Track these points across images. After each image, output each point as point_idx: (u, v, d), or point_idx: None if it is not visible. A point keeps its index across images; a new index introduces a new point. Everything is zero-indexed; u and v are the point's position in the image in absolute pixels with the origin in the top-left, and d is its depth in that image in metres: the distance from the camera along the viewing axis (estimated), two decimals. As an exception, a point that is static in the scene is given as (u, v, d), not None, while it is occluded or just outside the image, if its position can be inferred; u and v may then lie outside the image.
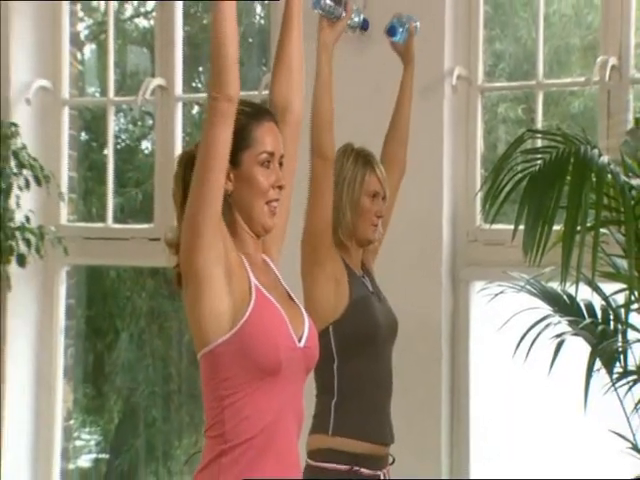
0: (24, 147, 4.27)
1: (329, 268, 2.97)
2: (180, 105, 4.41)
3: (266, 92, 4.10)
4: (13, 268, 4.17)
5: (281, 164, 2.31)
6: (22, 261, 4.17)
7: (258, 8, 5.11)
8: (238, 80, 2.17)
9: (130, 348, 5.30)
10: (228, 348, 2.16)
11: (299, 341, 2.24)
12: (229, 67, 2.14)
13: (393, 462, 3.04)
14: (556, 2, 4.34)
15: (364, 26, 3.03)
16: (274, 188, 2.27)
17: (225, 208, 2.23)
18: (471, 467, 3.84)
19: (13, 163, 4.22)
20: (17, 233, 4.18)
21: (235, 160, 2.24)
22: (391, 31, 3.28)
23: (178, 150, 4.34)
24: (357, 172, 3.04)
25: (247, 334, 2.16)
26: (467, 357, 3.84)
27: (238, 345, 2.16)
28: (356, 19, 2.97)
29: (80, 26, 5.03)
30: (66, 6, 4.56)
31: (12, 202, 4.20)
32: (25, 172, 4.23)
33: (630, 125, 3.54)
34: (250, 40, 5.14)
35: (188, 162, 2.28)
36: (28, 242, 4.20)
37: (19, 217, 4.22)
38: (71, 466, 4.82)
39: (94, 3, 5.13)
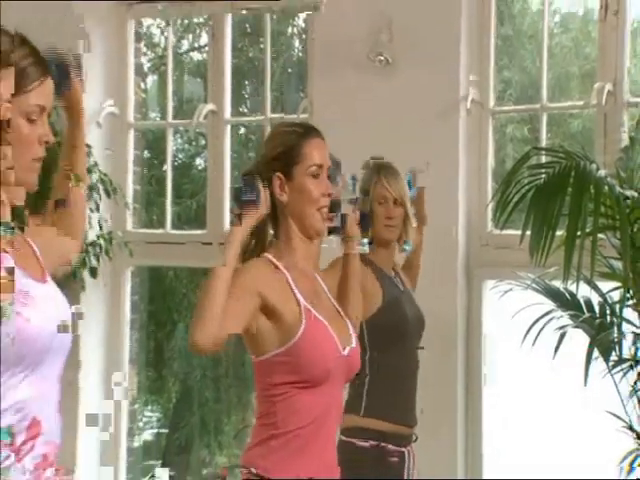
0: (96, 164, 4.28)
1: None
2: (229, 127, 4.39)
3: (304, 115, 4.11)
4: (86, 273, 4.18)
5: (329, 175, 2.28)
6: (93, 273, 4.17)
7: (297, 42, 5.10)
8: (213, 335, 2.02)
9: (186, 337, 5.26)
10: (281, 359, 2.11)
11: (343, 350, 2.19)
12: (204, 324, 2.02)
13: (416, 440, 3.01)
14: (557, 36, 4.32)
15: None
16: (324, 196, 2.23)
17: (281, 218, 2.19)
18: (484, 444, 3.79)
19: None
20: (90, 248, 4.18)
21: (289, 174, 2.21)
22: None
23: (227, 166, 4.31)
24: (369, 181, 3.02)
25: (299, 350, 2.11)
26: (480, 347, 3.80)
27: (291, 358, 2.11)
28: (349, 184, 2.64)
29: (143, 59, 5.05)
30: (131, 42, 4.56)
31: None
32: (97, 186, 4.23)
33: (624, 143, 3.50)
34: (289, 70, 5.13)
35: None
36: (99, 247, 4.20)
37: (93, 224, 4.22)
38: (136, 443, 4.82)
39: (155, 39, 5.14)
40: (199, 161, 5.39)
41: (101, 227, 4.23)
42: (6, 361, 1.55)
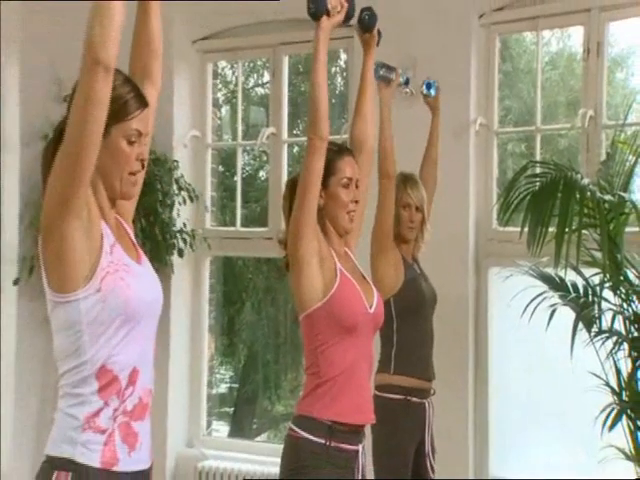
0: (182, 176, 4.32)
1: (390, 256, 2.94)
2: (286, 146, 4.40)
3: (345, 136, 4.11)
4: (175, 259, 4.22)
5: (357, 186, 2.29)
6: (180, 253, 4.21)
7: (339, 78, 5.10)
8: (328, 126, 2.15)
9: (252, 313, 5.34)
10: (320, 312, 2.15)
11: (370, 308, 2.22)
12: (322, 117, 2.13)
13: (434, 393, 3.01)
14: (548, 72, 4.27)
15: (407, 82, 3.11)
16: (352, 202, 2.26)
17: (319, 217, 2.22)
18: (490, 397, 3.77)
19: (175, 187, 4.26)
20: (177, 235, 4.22)
21: (325, 183, 2.23)
22: (428, 85, 3.28)
23: (284, 177, 4.33)
24: (397, 190, 3.01)
25: (334, 303, 2.15)
26: (487, 322, 3.78)
27: (328, 311, 2.15)
28: (401, 80, 3.02)
29: (219, 94, 5.07)
30: (210, 80, 4.58)
31: (174, 214, 4.25)
32: (182, 193, 4.28)
33: (603, 158, 3.46)
34: (333, 101, 5.14)
35: (292, 186, 2.27)
36: (185, 241, 4.24)
37: (179, 223, 4.27)
38: (214, 391, 4.86)
39: (228, 78, 5.17)
40: (262, 173, 5.39)
41: (185, 225, 4.28)
42: (112, 319, 1.54)
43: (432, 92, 3.27)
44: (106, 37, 1.43)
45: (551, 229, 2.85)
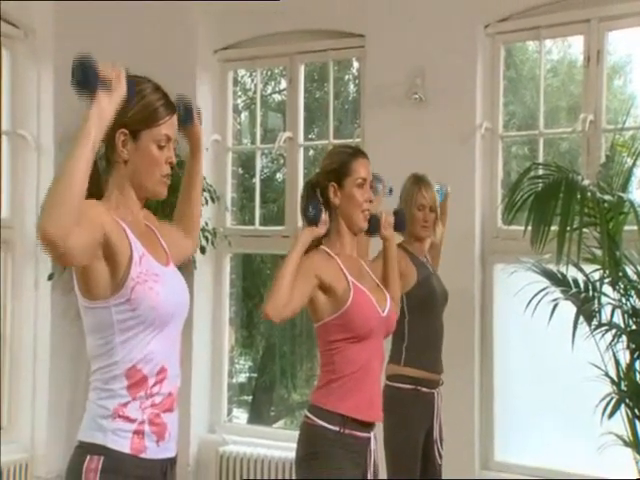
0: (204, 178, 4.29)
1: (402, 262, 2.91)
2: (302, 150, 4.40)
3: (358, 140, 4.11)
4: (197, 256, 4.23)
5: (371, 187, 2.28)
6: (203, 250, 4.20)
7: (352, 85, 5.09)
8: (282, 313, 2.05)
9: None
10: (336, 323, 2.14)
11: (383, 312, 2.20)
12: (279, 300, 2.04)
13: (442, 384, 3.00)
14: (549, 79, 4.25)
15: (391, 192, 2.77)
16: (366, 201, 2.24)
17: (334, 217, 2.21)
18: (495, 387, 3.76)
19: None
20: (200, 233, 4.21)
21: (341, 184, 2.21)
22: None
23: (300, 179, 4.32)
24: (411, 191, 2.99)
25: (348, 315, 2.13)
26: (492, 315, 3.77)
27: (343, 321, 2.13)
28: (387, 191, 2.71)
29: (238, 100, 5.07)
30: (230, 88, 4.58)
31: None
32: (205, 194, 4.28)
33: (602, 160, 3.44)
34: (346, 107, 5.13)
35: (310, 187, 2.26)
36: (207, 238, 4.24)
37: (201, 222, 4.26)
38: (234, 381, 4.87)
39: (247, 85, 5.17)
40: (279, 175, 5.39)
41: (207, 224, 4.28)
42: (142, 324, 1.56)
43: (439, 198, 3.14)
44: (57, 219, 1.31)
45: (553, 228, 2.83)
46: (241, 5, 4.19)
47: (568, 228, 2.78)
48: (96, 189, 1.58)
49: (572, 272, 3.06)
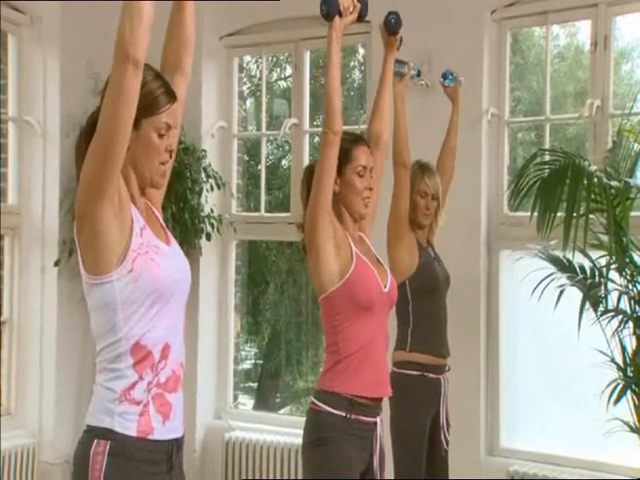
0: (210, 165, 4.32)
1: (406, 241, 2.92)
2: (307, 136, 4.39)
3: (364, 126, 4.09)
4: (203, 242, 4.23)
5: (371, 175, 2.27)
6: (208, 237, 4.22)
7: (357, 72, 5.07)
8: (341, 121, 2.13)
9: (275, 293, 5.34)
10: (338, 294, 2.15)
11: (384, 287, 2.21)
12: (335, 112, 2.12)
13: (449, 369, 3.00)
14: (556, 64, 4.21)
15: (419, 74, 3.12)
16: (366, 189, 2.24)
17: (334, 203, 2.21)
18: (501, 373, 3.75)
19: (203, 175, 4.26)
20: (205, 220, 4.22)
21: (341, 171, 2.21)
22: (444, 76, 3.24)
23: (305, 165, 4.31)
24: (415, 178, 2.98)
25: (351, 284, 2.14)
26: (498, 301, 3.76)
27: (345, 292, 2.14)
28: (413, 72, 3.01)
29: (244, 87, 5.05)
30: (235, 74, 4.57)
31: (203, 200, 4.24)
32: (210, 181, 4.27)
33: (609, 145, 3.41)
34: (352, 94, 5.11)
35: (310, 172, 2.26)
36: (212, 225, 4.24)
37: (207, 209, 4.27)
38: (239, 367, 4.88)
39: (252, 72, 5.15)
40: (284, 162, 5.38)
41: (212, 211, 4.28)
42: (144, 298, 1.55)
43: (449, 83, 3.22)
44: (136, 35, 1.44)
45: (559, 214, 2.82)
46: (246, -9, 4.17)
47: (574, 214, 2.78)
48: None
49: (579, 258, 3.05)
